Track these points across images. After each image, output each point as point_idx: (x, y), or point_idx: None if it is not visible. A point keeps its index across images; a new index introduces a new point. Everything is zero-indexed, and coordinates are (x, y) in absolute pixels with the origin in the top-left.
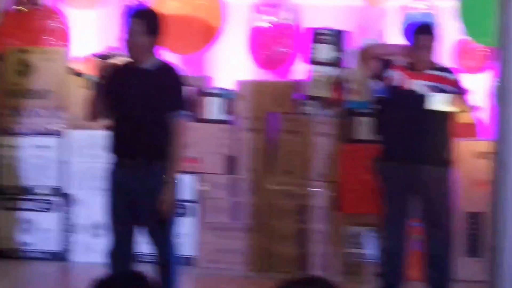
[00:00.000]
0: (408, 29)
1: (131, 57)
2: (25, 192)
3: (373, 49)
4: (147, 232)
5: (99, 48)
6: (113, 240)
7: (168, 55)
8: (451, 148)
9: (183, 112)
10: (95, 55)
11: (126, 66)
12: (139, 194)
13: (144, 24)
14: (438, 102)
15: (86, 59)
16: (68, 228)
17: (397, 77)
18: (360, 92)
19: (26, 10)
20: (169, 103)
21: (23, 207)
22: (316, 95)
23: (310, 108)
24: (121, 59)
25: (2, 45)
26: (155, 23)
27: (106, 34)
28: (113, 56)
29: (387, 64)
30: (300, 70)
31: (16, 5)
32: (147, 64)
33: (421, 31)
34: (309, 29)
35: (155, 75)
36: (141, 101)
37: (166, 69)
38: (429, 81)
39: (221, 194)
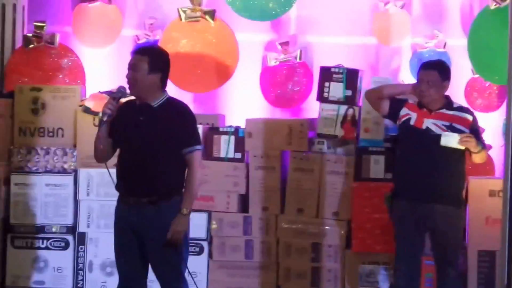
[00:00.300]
0: (418, 67)
1: (133, 93)
2: (39, 230)
3: (385, 88)
4: (156, 271)
5: (111, 86)
6: (120, 278)
7: (180, 93)
8: (463, 187)
9: (198, 146)
10: (106, 93)
11: (132, 103)
12: (146, 233)
13: (145, 61)
14: (451, 141)
15: (97, 97)
16: (81, 267)
17: (410, 115)
18: (372, 130)
19: (34, 46)
20: (182, 139)
21: (37, 245)
22: (328, 133)
23: (322, 146)
24: (131, 97)
25: (13, 83)
26: (158, 60)
27: (118, 72)
28: (123, 94)
29: (400, 102)
30: (312, 108)
31: (26, 43)
32: (152, 101)
33: (424, 67)
34: (321, 67)
35: (161, 112)
36: (146, 139)
37: (173, 106)
38: (443, 120)
39: (233, 232)
